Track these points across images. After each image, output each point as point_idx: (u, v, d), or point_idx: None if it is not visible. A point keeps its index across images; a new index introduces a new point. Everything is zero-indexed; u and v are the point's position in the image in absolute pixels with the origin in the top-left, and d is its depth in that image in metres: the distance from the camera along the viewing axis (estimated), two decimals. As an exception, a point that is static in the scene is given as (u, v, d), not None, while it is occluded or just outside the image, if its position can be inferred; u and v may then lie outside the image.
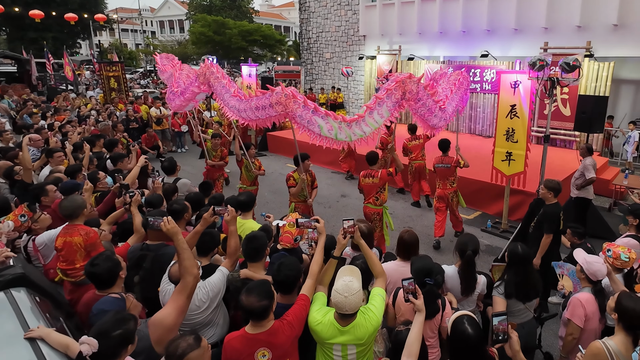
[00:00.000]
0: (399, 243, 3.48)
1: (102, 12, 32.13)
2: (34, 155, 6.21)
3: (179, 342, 2.03)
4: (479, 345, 2.26)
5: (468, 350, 2.26)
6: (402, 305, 2.94)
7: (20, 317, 2.12)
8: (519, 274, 3.21)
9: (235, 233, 3.23)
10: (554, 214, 4.67)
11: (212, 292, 2.91)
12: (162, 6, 63.20)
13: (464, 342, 2.25)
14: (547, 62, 5.45)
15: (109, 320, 2.09)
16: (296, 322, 2.50)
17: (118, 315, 2.14)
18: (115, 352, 2.04)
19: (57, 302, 2.75)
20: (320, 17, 17.30)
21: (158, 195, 4.28)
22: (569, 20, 10.67)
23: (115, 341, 2.03)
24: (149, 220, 2.68)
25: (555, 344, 4.31)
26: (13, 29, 29.46)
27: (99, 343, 1.97)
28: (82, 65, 28.01)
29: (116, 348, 2.04)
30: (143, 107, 13.31)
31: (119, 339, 2.04)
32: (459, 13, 12.68)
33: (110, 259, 2.68)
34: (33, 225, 3.69)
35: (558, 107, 10.59)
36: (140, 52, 49.14)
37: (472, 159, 9.40)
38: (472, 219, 7.81)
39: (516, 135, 6.61)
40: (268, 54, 40.09)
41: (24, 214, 3.61)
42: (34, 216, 3.74)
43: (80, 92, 18.28)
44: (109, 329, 2.05)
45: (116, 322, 2.08)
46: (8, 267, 2.53)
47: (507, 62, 11.75)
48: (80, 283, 3.24)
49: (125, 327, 2.08)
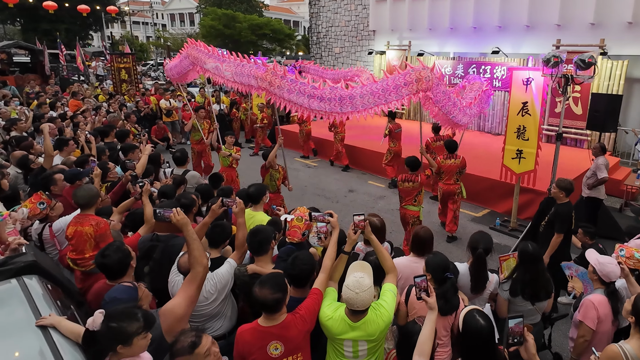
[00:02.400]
0: (413, 239, 3.46)
1: (114, 4, 32.44)
2: None
3: (178, 339, 1.99)
4: (491, 338, 2.23)
5: (481, 343, 2.22)
6: (415, 303, 2.90)
7: (32, 304, 2.13)
8: (528, 273, 3.18)
9: (244, 225, 3.23)
10: (566, 213, 4.61)
11: (219, 284, 2.91)
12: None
13: (476, 334, 2.21)
14: (562, 59, 5.36)
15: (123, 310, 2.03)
16: (309, 316, 2.49)
17: (128, 309, 2.06)
18: (109, 343, 1.96)
19: (68, 290, 2.76)
20: (330, 11, 17.21)
21: (171, 185, 4.29)
22: (582, 17, 10.51)
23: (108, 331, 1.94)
24: (157, 212, 2.67)
25: (564, 345, 4.27)
26: (27, 20, 29.71)
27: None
28: (96, 58, 28.19)
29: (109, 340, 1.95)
30: (152, 99, 13.35)
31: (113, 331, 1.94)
32: (470, 9, 12.54)
33: (121, 250, 2.68)
34: (50, 213, 3.72)
35: (569, 106, 10.46)
36: (150, 44, 49.32)
37: (481, 156, 9.39)
38: (481, 217, 7.76)
39: (527, 133, 6.53)
40: (277, 48, 40.03)
41: (43, 201, 3.65)
42: (51, 204, 3.78)
43: (91, 83, 18.44)
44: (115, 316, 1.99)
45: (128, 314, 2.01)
46: (20, 255, 2.54)
47: (518, 59, 11.62)
48: (91, 272, 3.25)
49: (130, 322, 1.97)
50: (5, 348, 1.87)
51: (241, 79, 5.56)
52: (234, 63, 5.68)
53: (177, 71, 7.44)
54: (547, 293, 3.25)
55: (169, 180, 4.61)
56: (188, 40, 7.01)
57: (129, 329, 1.95)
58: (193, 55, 6.68)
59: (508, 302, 3.28)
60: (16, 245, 2.68)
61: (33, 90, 14.28)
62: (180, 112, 12.85)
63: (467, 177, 8.18)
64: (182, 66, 7.17)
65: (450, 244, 6.68)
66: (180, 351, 1.95)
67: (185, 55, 6.97)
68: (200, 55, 6.45)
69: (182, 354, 1.95)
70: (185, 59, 6.98)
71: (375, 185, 9.55)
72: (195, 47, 6.67)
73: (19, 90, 14.85)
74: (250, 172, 10.29)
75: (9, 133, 7.13)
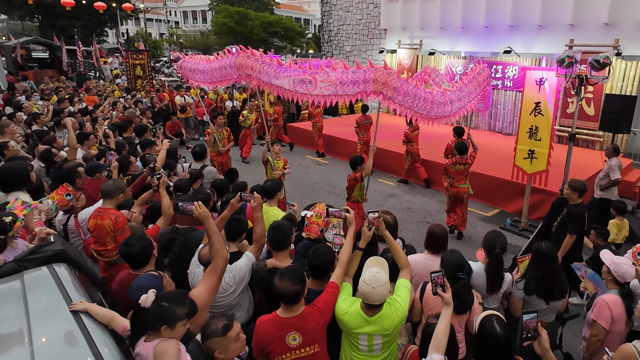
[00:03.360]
0: (428, 236, 3.49)
1: (129, 2, 32.81)
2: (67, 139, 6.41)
3: (209, 323, 2.10)
4: (507, 345, 2.23)
5: (495, 349, 2.23)
6: (431, 299, 2.93)
7: (62, 290, 2.20)
8: (541, 271, 3.20)
9: (261, 219, 3.28)
10: (579, 214, 4.60)
11: (238, 277, 2.97)
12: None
13: (492, 341, 2.22)
14: (576, 59, 5.35)
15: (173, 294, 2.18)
16: (326, 308, 2.55)
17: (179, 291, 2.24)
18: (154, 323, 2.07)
19: (93, 278, 2.85)
20: (342, 9, 17.22)
21: (186, 179, 4.37)
22: (596, 17, 10.42)
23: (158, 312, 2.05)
24: (179, 205, 2.75)
25: (575, 345, 4.28)
26: (45, 16, 30.35)
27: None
28: (112, 55, 28.67)
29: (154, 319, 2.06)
30: (166, 95, 13.60)
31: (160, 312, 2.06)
32: (482, 8, 12.47)
33: (143, 239, 2.77)
34: (75, 204, 3.83)
35: (582, 106, 10.40)
36: (164, 41, 49.76)
37: (492, 155, 9.38)
38: (491, 216, 7.77)
39: (539, 133, 6.53)
40: (288, 46, 40.20)
41: (69, 193, 3.76)
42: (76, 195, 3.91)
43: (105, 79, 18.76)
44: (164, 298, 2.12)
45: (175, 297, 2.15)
46: (49, 244, 2.63)
47: (530, 59, 11.56)
48: (114, 262, 3.35)
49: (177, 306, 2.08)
50: (40, 331, 1.94)
51: (347, 89, 4.84)
52: (339, 73, 4.87)
53: (209, 77, 6.32)
54: (561, 293, 3.26)
55: (186, 174, 4.71)
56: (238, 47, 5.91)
57: (177, 312, 2.07)
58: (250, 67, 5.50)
59: (523, 301, 3.30)
60: (44, 235, 2.77)
61: (47, 86, 14.54)
62: (193, 108, 13.06)
63: (477, 176, 8.21)
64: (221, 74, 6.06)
65: (459, 241, 6.70)
66: (214, 333, 2.09)
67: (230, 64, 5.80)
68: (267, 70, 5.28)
69: (215, 336, 2.09)
70: (230, 68, 5.83)
71: (385, 184, 9.59)
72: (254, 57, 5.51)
73: (36, 86, 15.16)
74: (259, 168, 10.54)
75: (30, 127, 7.32)
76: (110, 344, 2.00)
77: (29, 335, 1.90)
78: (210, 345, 2.11)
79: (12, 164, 3.94)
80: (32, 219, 3.10)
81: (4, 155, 4.99)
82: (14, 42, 20.61)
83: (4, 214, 2.78)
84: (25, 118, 7.81)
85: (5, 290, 2.25)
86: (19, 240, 2.91)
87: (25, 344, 1.86)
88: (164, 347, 1.98)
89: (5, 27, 46.37)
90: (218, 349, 2.11)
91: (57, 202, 3.67)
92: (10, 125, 5.89)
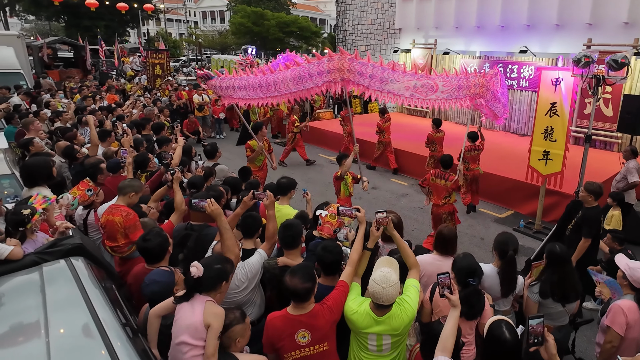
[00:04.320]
0: (437, 237, 3.48)
1: (150, 2, 33.69)
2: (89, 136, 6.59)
3: (227, 314, 2.17)
4: (514, 351, 2.22)
5: (503, 354, 2.23)
6: (440, 301, 2.93)
7: (79, 283, 2.26)
8: (556, 274, 3.17)
9: (274, 217, 3.31)
10: (594, 217, 4.53)
11: (250, 273, 3.01)
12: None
13: (499, 346, 2.22)
14: (593, 59, 5.26)
15: (213, 258, 2.43)
16: (335, 307, 2.57)
17: (222, 256, 2.56)
18: (214, 283, 2.37)
19: (110, 272, 2.92)
20: (357, 9, 17.21)
21: (200, 176, 4.45)
22: (615, 16, 10.21)
23: (215, 273, 2.36)
24: (193, 202, 2.80)
25: (588, 351, 4.22)
26: (70, 17, 31.50)
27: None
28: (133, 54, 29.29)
29: (215, 280, 2.36)
30: (184, 94, 13.91)
31: (218, 271, 2.38)
32: (498, 7, 12.34)
33: (160, 235, 2.84)
34: (95, 199, 3.93)
35: (599, 107, 10.21)
36: (183, 41, 50.56)
37: (506, 157, 9.29)
38: (504, 218, 7.69)
39: (555, 134, 6.44)
40: (304, 45, 40.47)
41: (90, 189, 3.87)
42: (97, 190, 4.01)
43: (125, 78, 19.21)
44: (212, 262, 2.40)
45: (217, 260, 2.45)
46: (68, 237, 2.70)
47: (546, 59, 11.38)
48: (128, 257, 3.43)
49: (224, 265, 2.44)
50: (56, 323, 2.00)
51: (458, 92, 5.28)
52: (455, 78, 5.25)
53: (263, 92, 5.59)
54: (576, 294, 3.23)
55: (200, 171, 4.79)
56: (340, 50, 5.19)
57: (228, 269, 2.47)
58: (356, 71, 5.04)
59: (538, 305, 3.26)
60: (64, 229, 2.86)
61: (77, 85, 15.04)
62: (210, 106, 13.32)
63: (491, 177, 8.15)
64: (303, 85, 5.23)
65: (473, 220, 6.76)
66: (235, 321, 2.30)
67: (328, 68, 5.04)
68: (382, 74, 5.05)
69: (237, 324, 2.29)
70: (327, 73, 5.06)
71: (398, 183, 9.57)
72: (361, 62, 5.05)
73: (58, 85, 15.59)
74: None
75: (54, 124, 7.53)
76: (123, 337, 2.04)
77: (45, 326, 1.95)
78: (231, 335, 2.25)
79: (36, 159, 4.05)
80: (54, 213, 3.19)
81: (29, 151, 5.14)
82: (41, 42, 21.30)
83: (23, 207, 2.87)
84: (49, 115, 8.05)
85: (25, 282, 2.32)
86: (39, 233, 3.00)
87: (42, 335, 1.91)
88: (218, 309, 2.29)
89: (33, 27, 47.80)
90: (238, 336, 2.28)
91: (79, 198, 3.77)
92: (35, 122, 6.10)
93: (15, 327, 2.04)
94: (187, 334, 2.24)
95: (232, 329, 2.23)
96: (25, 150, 5.19)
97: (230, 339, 2.25)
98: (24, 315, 2.08)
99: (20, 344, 1.93)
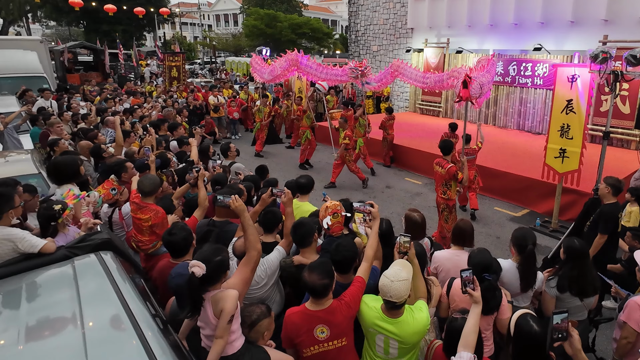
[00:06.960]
0: (454, 231, 3.50)
1: (165, 7, 34.52)
2: (110, 137, 6.79)
3: (254, 309, 2.24)
4: (544, 343, 2.21)
5: (534, 347, 2.22)
6: (456, 295, 2.95)
7: (109, 276, 2.36)
8: (575, 268, 3.16)
9: (292, 214, 3.37)
10: (611, 213, 4.45)
11: (269, 270, 3.06)
12: (218, 0, 65.83)
13: (531, 340, 2.22)
14: (611, 55, 5.21)
15: (209, 250, 2.40)
16: (353, 302, 2.59)
17: (215, 246, 2.50)
18: (218, 276, 2.37)
19: (136, 266, 3.02)
20: (369, 9, 17.22)
21: (223, 174, 4.56)
22: (631, 12, 10.04)
23: (216, 265, 2.34)
24: (218, 199, 2.87)
25: (609, 350, 4.16)
26: (89, 22, 32.63)
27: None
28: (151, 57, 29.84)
29: (218, 272, 2.37)
30: (200, 96, 14.24)
31: (219, 264, 2.36)
32: (511, 5, 12.22)
33: (185, 229, 2.93)
34: (119, 198, 4.05)
35: (616, 104, 10.07)
36: (197, 44, 51.26)
37: (521, 155, 9.23)
38: (520, 217, 7.65)
39: (571, 132, 6.38)
40: (316, 46, 40.70)
41: (114, 188, 3.99)
42: (120, 189, 4.13)
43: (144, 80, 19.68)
44: (210, 256, 2.36)
45: (215, 251, 2.41)
46: (96, 233, 2.81)
47: (561, 56, 11.23)
48: (153, 254, 3.53)
49: (223, 255, 2.43)
50: (90, 315, 2.08)
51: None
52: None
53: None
54: (594, 289, 3.22)
55: (219, 168, 4.89)
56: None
57: (227, 257, 2.48)
58: None
59: (556, 299, 3.26)
60: (92, 225, 2.97)
61: (94, 88, 15.44)
62: (226, 107, 13.63)
63: (506, 175, 8.11)
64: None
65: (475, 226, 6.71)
66: (262, 315, 2.36)
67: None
68: None
69: (264, 318, 2.36)
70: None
71: (412, 182, 9.58)
72: None
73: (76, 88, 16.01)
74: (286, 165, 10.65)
75: (77, 125, 7.74)
76: (154, 327, 2.12)
77: (80, 318, 2.04)
78: (259, 329, 2.32)
79: (65, 158, 4.18)
80: (81, 210, 3.31)
81: (55, 151, 5.30)
82: (62, 47, 21.82)
83: (54, 203, 2.98)
84: (72, 116, 8.30)
85: (60, 275, 2.43)
86: (71, 227, 3.12)
87: (78, 326, 2.00)
88: (226, 292, 2.30)
89: (54, 32, 49.04)
90: (266, 330, 2.34)
91: (103, 196, 3.89)
92: (58, 124, 6.28)
93: (52, 318, 2.13)
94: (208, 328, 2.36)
95: (260, 323, 2.30)
96: (52, 150, 5.35)
97: (259, 333, 2.31)
98: (59, 307, 2.17)
99: (58, 335, 2.02)
